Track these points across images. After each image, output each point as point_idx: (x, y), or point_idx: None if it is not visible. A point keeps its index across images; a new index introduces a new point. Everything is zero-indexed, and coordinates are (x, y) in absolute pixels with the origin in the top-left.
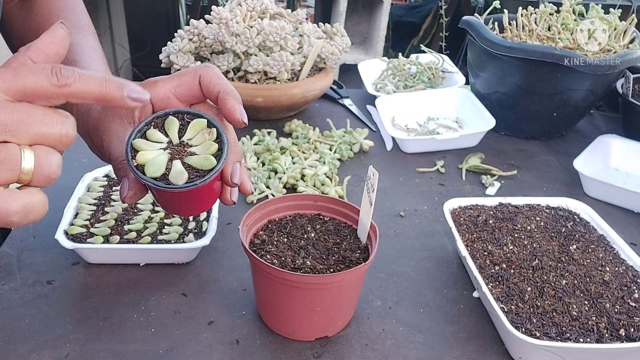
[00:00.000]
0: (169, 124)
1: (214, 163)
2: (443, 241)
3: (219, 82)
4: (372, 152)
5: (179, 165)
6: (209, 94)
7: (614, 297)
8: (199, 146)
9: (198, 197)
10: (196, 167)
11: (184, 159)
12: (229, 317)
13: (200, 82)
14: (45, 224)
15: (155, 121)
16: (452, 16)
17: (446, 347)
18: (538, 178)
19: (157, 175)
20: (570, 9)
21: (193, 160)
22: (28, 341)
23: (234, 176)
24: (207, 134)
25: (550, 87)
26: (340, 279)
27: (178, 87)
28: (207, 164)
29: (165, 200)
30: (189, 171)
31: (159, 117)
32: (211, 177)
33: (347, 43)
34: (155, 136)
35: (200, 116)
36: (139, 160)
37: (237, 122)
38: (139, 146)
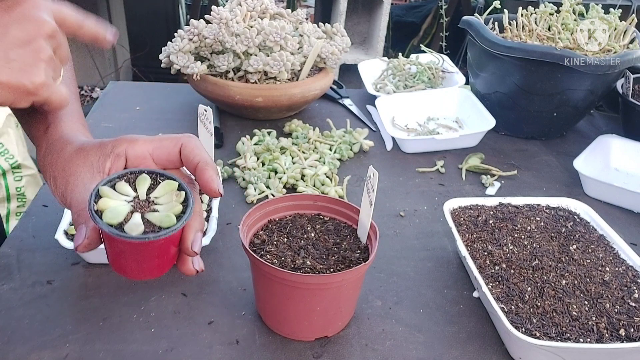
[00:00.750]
0: (140, 181)
1: (173, 222)
2: (443, 241)
3: (200, 153)
4: (372, 152)
5: (138, 217)
6: (188, 162)
7: (614, 297)
8: (164, 205)
9: (150, 255)
10: (155, 223)
11: (145, 214)
12: (228, 317)
13: (180, 150)
14: (45, 223)
15: (127, 176)
16: (452, 16)
17: (446, 347)
18: (538, 178)
19: (114, 222)
20: (570, 9)
21: (154, 216)
22: (27, 341)
23: (195, 244)
24: (175, 195)
25: (550, 87)
26: (340, 279)
27: (157, 149)
28: (167, 221)
29: (115, 253)
30: (146, 226)
31: (133, 173)
32: (166, 233)
33: (347, 43)
34: (124, 189)
35: (173, 179)
36: (100, 206)
37: (213, 193)
38: (104, 193)
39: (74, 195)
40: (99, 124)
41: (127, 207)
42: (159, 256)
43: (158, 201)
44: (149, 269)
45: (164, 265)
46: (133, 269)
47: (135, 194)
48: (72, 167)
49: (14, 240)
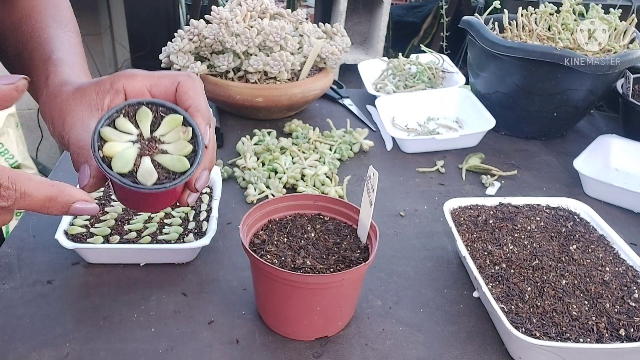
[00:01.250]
0: (142, 115)
1: (186, 166)
2: (443, 241)
3: (194, 96)
4: (372, 152)
5: (149, 163)
6: (180, 104)
7: (614, 297)
8: (172, 144)
9: (161, 197)
10: (167, 167)
11: (154, 157)
12: (229, 316)
13: (176, 89)
14: (45, 223)
15: (126, 109)
16: (453, 16)
17: (446, 347)
18: (538, 178)
19: (125, 171)
20: (570, 9)
21: (164, 160)
22: (28, 340)
23: (199, 181)
24: (182, 133)
25: (550, 87)
26: (340, 278)
27: (155, 86)
28: (179, 166)
29: (125, 196)
30: (158, 171)
31: (131, 105)
32: (182, 181)
33: (347, 43)
34: (125, 126)
35: (177, 112)
36: (106, 152)
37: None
38: (107, 136)
39: (72, 133)
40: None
41: (133, 150)
42: (170, 196)
43: (164, 139)
44: (159, 206)
45: (171, 201)
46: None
47: (137, 131)
48: (70, 105)
49: (14, 240)
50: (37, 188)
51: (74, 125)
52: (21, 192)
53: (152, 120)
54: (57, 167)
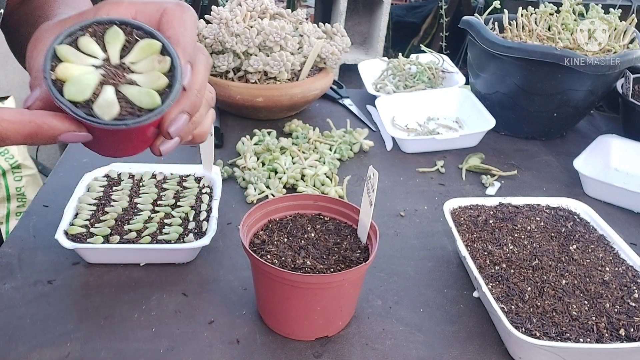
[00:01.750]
0: (111, 36)
1: (157, 103)
2: (443, 241)
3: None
4: (372, 152)
5: (111, 93)
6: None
7: (614, 297)
8: (144, 75)
9: (124, 138)
10: (133, 101)
11: (119, 87)
12: (229, 316)
13: (161, 17)
14: (45, 223)
15: (94, 27)
16: (453, 16)
17: (446, 347)
18: (538, 178)
19: (78, 99)
20: (570, 9)
21: (131, 92)
22: (29, 340)
23: (173, 125)
24: (157, 62)
25: (550, 87)
26: (341, 278)
27: (139, 13)
28: (147, 101)
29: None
30: (121, 104)
31: (101, 23)
32: (147, 119)
33: (347, 43)
34: (89, 47)
35: (155, 37)
36: (59, 74)
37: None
38: (64, 55)
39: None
40: None
41: (95, 76)
42: (137, 139)
43: (135, 68)
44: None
45: (140, 146)
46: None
47: (104, 55)
48: (45, 34)
49: (14, 240)
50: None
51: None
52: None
53: (125, 44)
54: (57, 167)
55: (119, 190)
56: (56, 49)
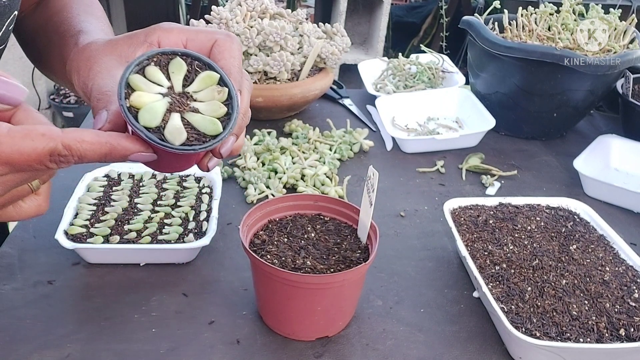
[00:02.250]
0: (175, 66)
1: (219, 130)
2: (443, 241)
3: (229, 58)
4: (372, 152)
5: (178, 120)
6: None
7: (614, 297)
8: (205, 104)
9: (184, 159)
10: (198, 128)
11: (184, 114)
12: (229, 317)
13: (212, 47)
14: (45, 224)
15: (158, 57)
16: (452, 16)
17: (446, 347)
18: (538, 178)
19: (152, 125)
20: (570, 9)
21: (195, 119)
22: (30, 341)
23: (224, 147)
24: (217, 92)
25: (550, 87)
26: (341, 279)
27: (191, 41)
28: (211, 128)
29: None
30: (187, 130)
31: (165, 54)
32: (213, 145)
33: (347, 43)
34: (156, 76)
35: (213, 69)
36: (134, 102)
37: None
38: (135, 84)
39: (96, 81)
40: None
41: (163, 103)
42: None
43: (197, 97)
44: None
45: (191, 164)
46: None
47: (169, 83)
48: (98, 55)
49: (15, 241)
50: (92, 149)
51: (99, 73)
52: (78, 156)
53: (186, 74)
54: None
55: (119, 190)
56: (129, 79)
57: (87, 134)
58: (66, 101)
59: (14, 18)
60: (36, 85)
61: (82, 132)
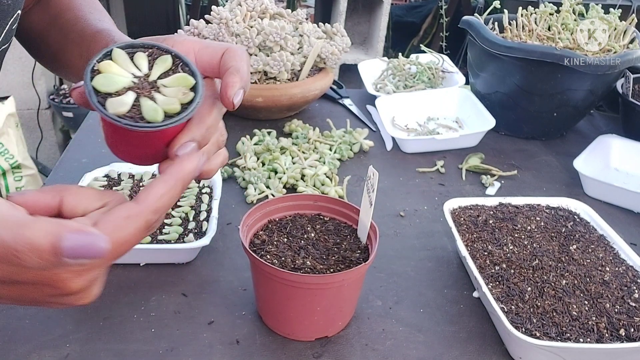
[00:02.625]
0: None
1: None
2: (443, 241)
3: (239, 61)
4: (372, 152)
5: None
6: (223, 66)
7: (614, 297)
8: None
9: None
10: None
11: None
12: (229, 317)
13: (223, 54)
14: None
15: (153, 50)
16: (452, 16)
17: (446, 347)
18: (538, 178)
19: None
20: (570, 9)
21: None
22: (28, 341)
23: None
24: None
25: (550, 87)
26: (341, 279)
27: (203, 49)
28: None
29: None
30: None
31: (160, 49)
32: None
33: (347, 43)
34: (139, 62)
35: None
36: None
37: (227, 99)
38: (116, 56)
39: None
40: (100, 124)
41: (126, 81)
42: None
43: (163, 90)
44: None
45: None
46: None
47: (148, 72)
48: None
49: None
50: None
51: None
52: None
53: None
54: (57, 167)
55: (119, 190)
56: (113, 50)
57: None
58: (66, 101)
59: (17, 18)
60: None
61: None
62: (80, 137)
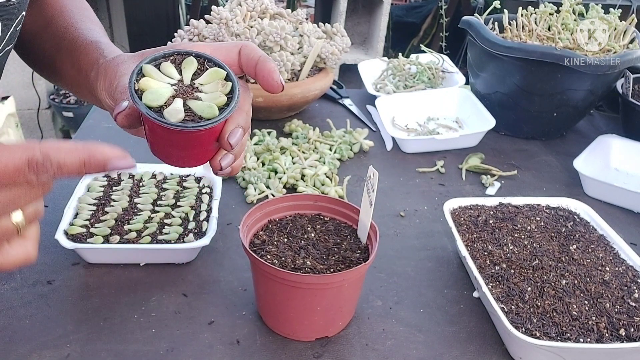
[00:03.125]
0: (187, 64)
1: (215, 113)
2: (443, 241)
3: (260, 52)
4: (372, 152)
5: (180, 104)
6: (248, 60)
7: (614, 297)
8: (207, 94)
9: (187, 144)
10: (196, 112)
11: (187, 100)
12: (229, 317)
13: (240, 52)
14: (45, 223)
15: (174, 56)
16: (452, 16)
17: (446, 347)
18: (538, 178)
19: (153, 105)
20: (570, 9)
21: (195, 104)
22: (29, 341)
23: (232, 136)
24: (220, 85)
25: (550, 87)
26: (341, 279)
27: (216, 50)
28: (208, 112)
29: (153, 137)
30: (187, 113)
31: (180, 53)
32: (205, 125)
33: (347, 43)
34: (168, 70)
35: (221, 67)
36: (141, 86)
37: (274, 85)
38: (147, 72)
39: (122, 80)
40: (100, 124)
41: (169, 90)
42: (196, 146)
43: (203, 89)
44: (186, 158)
45: (201, 157)
46: (169, 155)
47: (180, 77)
48: (127, 61)
49: None
50: (70, 156)
51: (125, 74)
52: (57, 165)
53: (197, 71)
54: None
55: (119, 190)
56: (142, 67)
57: (65, 143)
58: (66, 101)
59: (21, 19)
60: (36, 85)
61: (60, 141)
62: (80, 137)
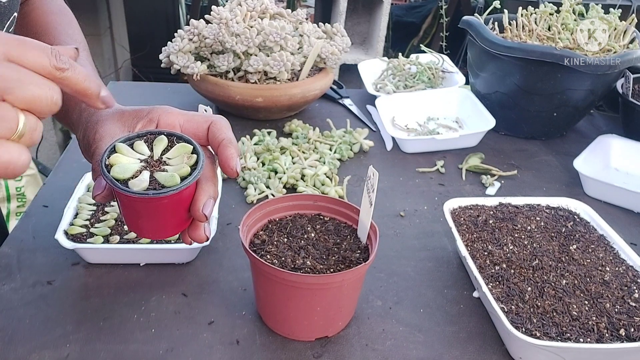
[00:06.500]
0: (158, 142)
1: (177, 182)
2: (443, 241)
3: (227, 132)
4: (372, 152)
5: (146, 175)
6: (213, 139)
7: (614, 297)
8: (172, 166)
9: (154, 214)
10: (161, 181)
11: (154, 173)
12: (229, 317)
13: (209, 127)
14: (45, 224)
15: (148, 136)
16: (452, 16)
17: (446, 347)
18: (538, 178)
19: (120, 177)
20: (570, 9)
21: (160, 175)
22: (28, 341)
23: (206, 208)
24: (186, 158)
25: (550, 87)
26: (341, 279)
27: (187, 122)
28: (170, 180)
29: (124, 210)
30: (152, 184)
31: (153, 133)
32: (166, 192)
33: (347, 43)
34: (140, 148)
35: (189, 142)
36: (111, 161)
37: (231, 170)
38: (120, 149)
39: (99, 144)
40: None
41: (137, 165)
42: (164, 216)
43: (170, 162)
44: (156, 228)
45: (171, 228)
46: (141, 227)
47: (150, 153)
48: (106, 120)
49: (14, 241)
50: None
51: (103, 138)
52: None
53: (167, 147)
54: (57, 167)
55: None
56: (115, 145)
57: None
58: None
59: (13, 20)
60: None
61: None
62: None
